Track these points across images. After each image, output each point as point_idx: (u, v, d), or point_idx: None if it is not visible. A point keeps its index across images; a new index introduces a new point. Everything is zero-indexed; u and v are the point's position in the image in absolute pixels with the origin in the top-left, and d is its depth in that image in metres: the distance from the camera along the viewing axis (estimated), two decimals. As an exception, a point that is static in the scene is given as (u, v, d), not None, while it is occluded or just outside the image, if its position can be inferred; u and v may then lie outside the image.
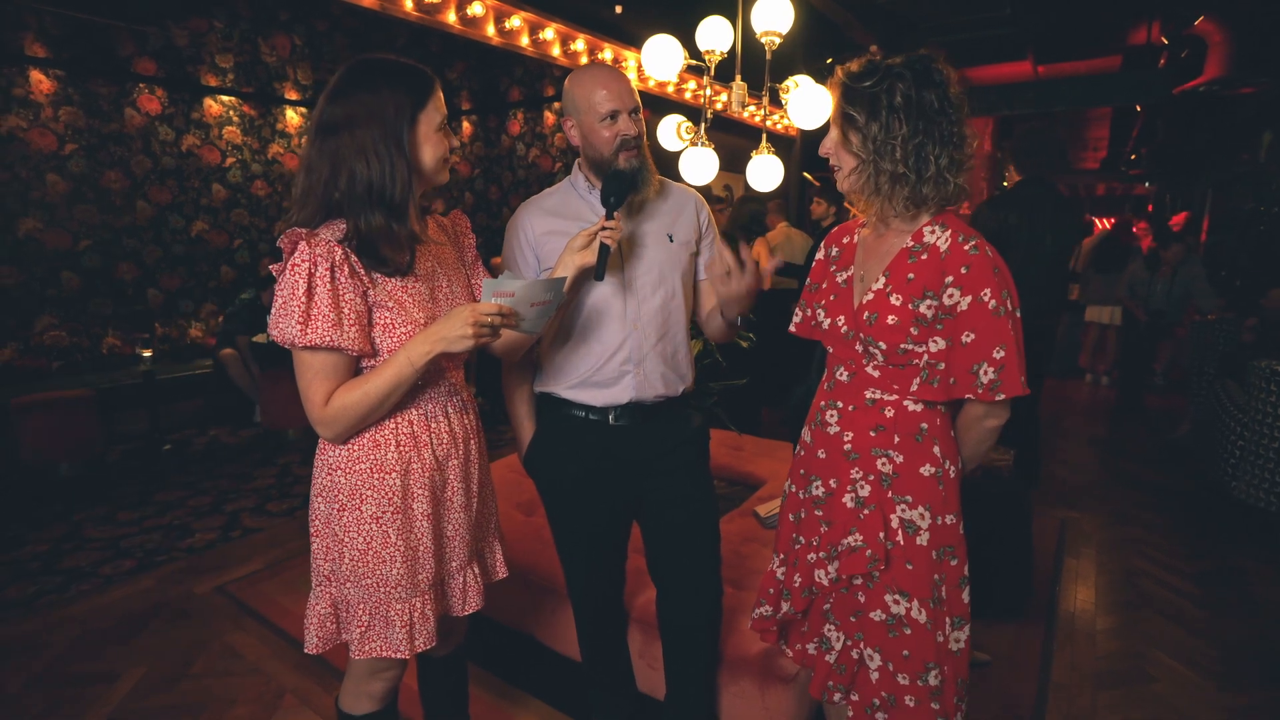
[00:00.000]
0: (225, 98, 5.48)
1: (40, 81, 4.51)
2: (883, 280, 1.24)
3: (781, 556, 1.43)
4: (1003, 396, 1.16)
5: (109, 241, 4.91)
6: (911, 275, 1.21)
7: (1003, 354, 1.15)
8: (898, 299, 1.21)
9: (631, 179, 1.44)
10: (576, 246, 1.38)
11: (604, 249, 1.36)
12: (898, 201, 1.21)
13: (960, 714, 1.27)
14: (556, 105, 6.00)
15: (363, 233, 1.19)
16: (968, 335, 1.16)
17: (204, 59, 5.31)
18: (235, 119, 5.55)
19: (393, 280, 1.24)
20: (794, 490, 1.41)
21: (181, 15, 5.12)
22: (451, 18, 3.81)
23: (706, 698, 1.79)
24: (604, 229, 1.36)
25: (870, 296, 1.24)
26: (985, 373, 1.15)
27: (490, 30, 4.06)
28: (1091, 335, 6.42)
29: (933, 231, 1.22)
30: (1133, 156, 11.14)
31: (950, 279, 1.17)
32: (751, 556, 2.21)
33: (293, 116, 5.95)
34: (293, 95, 5.92)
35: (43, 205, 4.57)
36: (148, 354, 4.40)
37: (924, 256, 1.21)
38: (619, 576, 1.81)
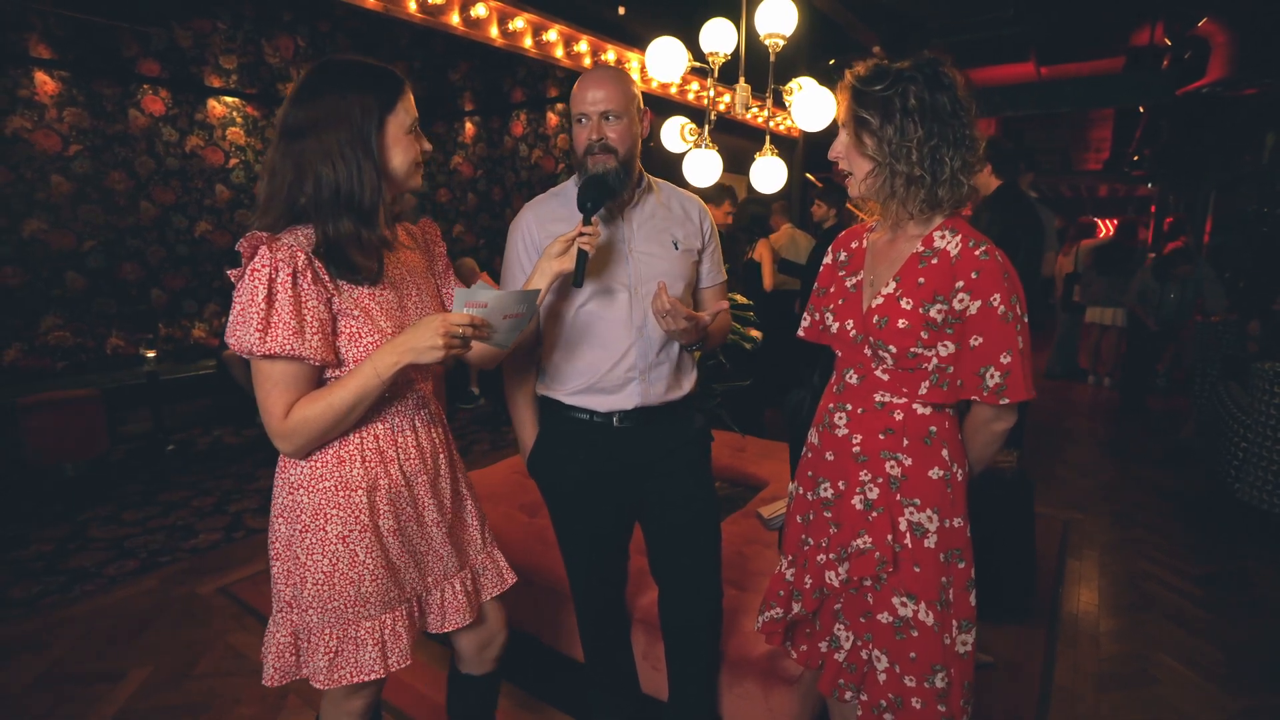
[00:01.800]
0: (229, 99, 5.48)
1: (45, 83, 4.52)
2: (893, 285, 1.24)
3: (790, 558, 1.43)
4: (1007, 401, 1.18)
5: (113, 242, 4.92)
6: (922, 280, 1.21)
7: (1009, 359, 1.16)
8: (908, 303, 1.21)
9: (610, 184, 1.41)
10: (554, 253, 1.35)
11: (582, 255, 1.33)
12: (913, 204, 1.21)
13: (966, 716, 1.27)
14: (559, 106, 6.00)
15: (331, 239, 1.15)
16: (976, 339, 1.18)
17: (207, 60, 5.32)
18: (239, 120, 5.56)
19: (360, 288, 1.19)
20: (801, 492, 1.41)
21: (185, 16, 5.13)
22: (455, 19, 3.81)
23: (709, 698, 1.79)
24: (581, 234, 1.34)
25: (880, 300, 1.25)
26: (991, 376, 1.17)
27: (494, 32, 4.06)
28: (1092, 337, 6.41)
29: (943, 236, 1.23)
30: (1135, 158, 11.14)
31: (960, 284, 1.18)
32: (754, 558, 2.22)
33: (296, 117, 5.95)
34: (296, 96, 5.92)
35: (47, 206, 4.59)
36: (151, 354, 4.42)
37: (934, 261, 1.21)
38: (620, 577, 1.82)
